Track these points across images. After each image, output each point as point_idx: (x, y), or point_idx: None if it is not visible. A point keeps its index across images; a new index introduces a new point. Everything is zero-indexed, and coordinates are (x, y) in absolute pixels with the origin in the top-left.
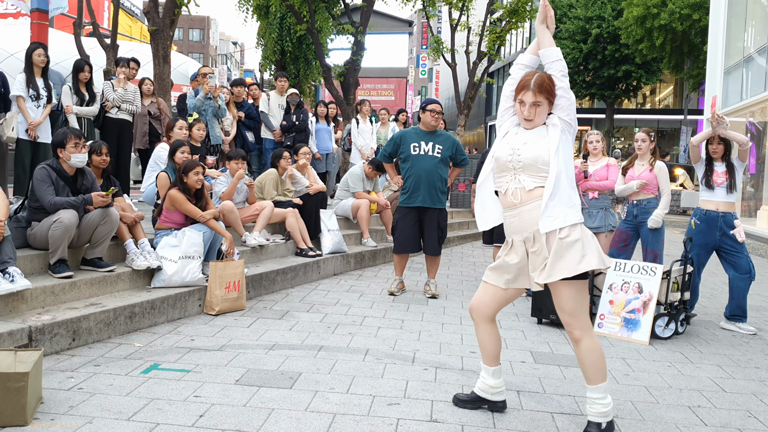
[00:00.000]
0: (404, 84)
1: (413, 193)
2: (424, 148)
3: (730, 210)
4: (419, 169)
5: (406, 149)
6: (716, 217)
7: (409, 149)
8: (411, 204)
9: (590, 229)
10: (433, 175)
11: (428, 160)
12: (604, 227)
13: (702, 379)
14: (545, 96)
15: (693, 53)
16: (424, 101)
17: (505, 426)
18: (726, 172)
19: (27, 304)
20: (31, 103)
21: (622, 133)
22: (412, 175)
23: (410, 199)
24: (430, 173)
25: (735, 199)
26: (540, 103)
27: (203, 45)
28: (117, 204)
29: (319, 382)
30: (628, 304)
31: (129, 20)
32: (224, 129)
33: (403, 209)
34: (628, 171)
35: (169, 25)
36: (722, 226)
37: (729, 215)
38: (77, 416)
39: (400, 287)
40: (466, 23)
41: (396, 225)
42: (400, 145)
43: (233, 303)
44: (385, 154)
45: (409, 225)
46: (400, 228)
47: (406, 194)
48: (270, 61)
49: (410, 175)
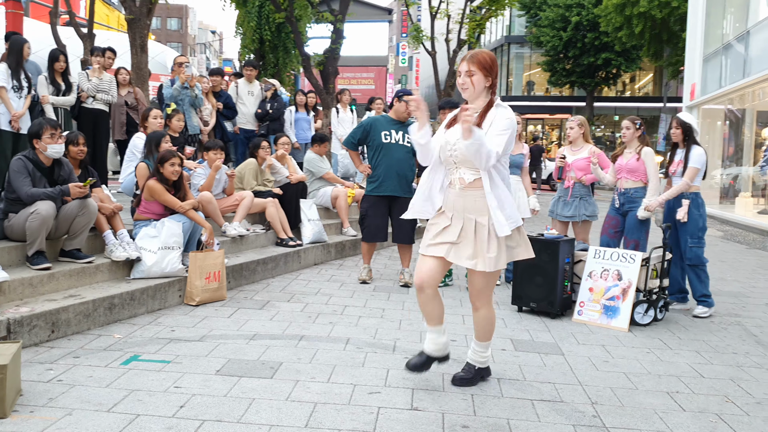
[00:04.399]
0: (384, 72)
1: (384, 181)
2: (395, 137)
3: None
4: (390, 158)
5: (376, 137)
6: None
7: (380, 137)
8: (381, 193)
9: (564, 218)
10: (403, 165)
11: (399, 149)
12: (578, 216)
13: (680, 365)
14: (478, 66)
15: (672, 41)
16: (401, 90)
17: (485, 413)
18: (681, 162)
19: (5, 296)
20: (14, 94)
21: (602, 120)
22: (382, 163)
23: (380, 188)
24: (401, 162)
25: (698, 183)
26: (473, 73)
27: (181, 34)
28: (95, 195)
29: (300, 371)
30: (607, 291)
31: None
32: (203, 119)
33: (372, 198)
34: (618, 159)
35: (146, 14)
36: (673, 205)
37: (681, 195)
38: (57, 408)
39: (369, 274)
40: (445, 11)
41: (366, 214)
42: (370, 132)
43: (213, 293)
44: (353, 141)
45: (379, 214)
46: (371, 217)
47: (375, 183)
48: (249, 50)
49: (380, 163)
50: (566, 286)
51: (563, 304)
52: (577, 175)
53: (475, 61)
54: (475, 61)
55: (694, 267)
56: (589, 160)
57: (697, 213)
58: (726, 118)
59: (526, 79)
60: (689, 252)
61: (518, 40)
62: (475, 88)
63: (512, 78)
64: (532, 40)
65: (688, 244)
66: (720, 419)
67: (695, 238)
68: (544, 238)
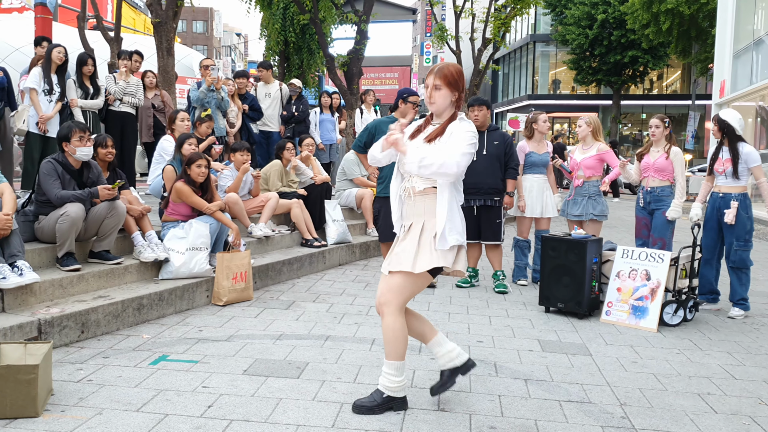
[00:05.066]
0: (408, 72)
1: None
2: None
3: (731, 192)
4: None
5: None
6: (717, 198)
7: None
8: (388, 194)
9: (573, 216)
10: None
11: None
12: (585, 216)
13: (711, 366)
14: (443, 81)
15: (701, 37)
16: (404, 90)
17: (512, 414)
18: (729, 160)
19: (36, 297)
20: (44, 98)
21: (630, 119)
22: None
23: (387, 189)
24: None
25: (745, 182)
26: (439, 87)
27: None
28: (123, 197)
29: (326, 371)
30: (635, 292)
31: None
32: (229, 121)
33: (381, 199)
34: (644, 157)
35: (172, 17)
36: (720, 205)
37: (729, 196)
38: (87, 407)
39: None
40: (470, 10)
41: (378, 215)
42: (375, 134)
43: (240, 294)
44: (359, 144)
45: (390, 214)
46: (383, 217)
47: (383, 184)
48: (273, 52)
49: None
50: (594, 286)
51: (591, 304)
52: (586, 174)
53: (440, 76)
54: (441, 75)
55: (737, 270)
56: (597, 158)
57: (745, 215)
58: (757, 114)
59: (552, 77)
60: (734, 255)
61: (544, 39)
62: (441, 102)
63: (538, 77)
64: (558, 38)
65: (734, 247)
66: (753, 422)
67: (741, 241)
68: (572, 238)
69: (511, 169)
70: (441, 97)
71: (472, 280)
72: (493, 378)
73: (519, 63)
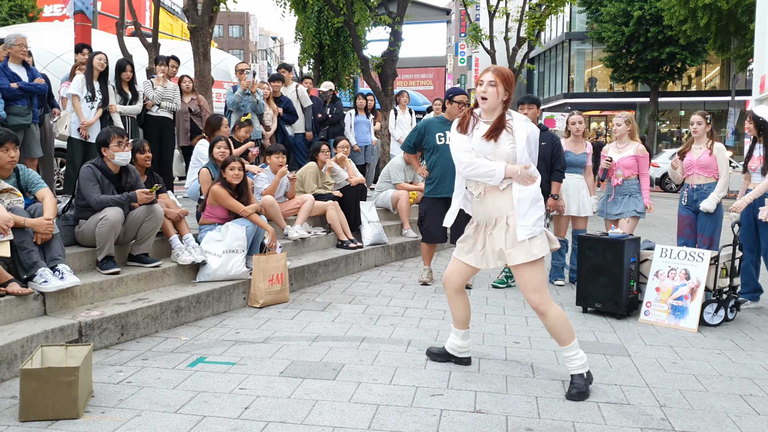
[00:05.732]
0: (443, 73)
1: (440, 183)
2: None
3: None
4: (445, 159)
5: (430, 139)
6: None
7: (434, 139)
8: (438, 195)
9: (613, 215)
10: None
11: None
12: (626, 213)
13: (754, 366)
14: (501, 79)
15: (740, 32)
16: (451, 90)
17: (550, 416)
18: (762, 157)
19: (76, 300)
20: (86, 104)
21: (668, 116)
22: (437, 165)
23: (436, 190)
24: None
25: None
26: (494, 84)
27: (243, 41)
28: (161, 200)
29: (362, 373)
30: (675, 291)
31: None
32: (265, 124)
33: (430, 200)
34: (686, 155)
35: (208, 22)
36: (755, 203)
37: (765, 195)
38: (127, 409)
39: (430, 276)
40: (504, 9)
41: (424, 215)
42: (425, 135)
43: (277, 295)
44: (409, 144)
45: (437, 215)
46: (429, 218)
47: (432, 185)
48: (309, 55)
49: (436, 165)
50: (632, 286)
51: (629, 304)
52: (624, 174)
53: (498, 73)
54: (498, 73)
55: None
56: (635, 158)
57: None
58: None
59: (588, 75)
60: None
61: (579, 37)
62: (493, 99)
63: (574, 75)
64: (594, 36)
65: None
66: None
67: None
68: (609, 237)
69: (557, 171)
70: (495, 94)
71: (508, 280)
72: (530, 379)
73: (554, 61)
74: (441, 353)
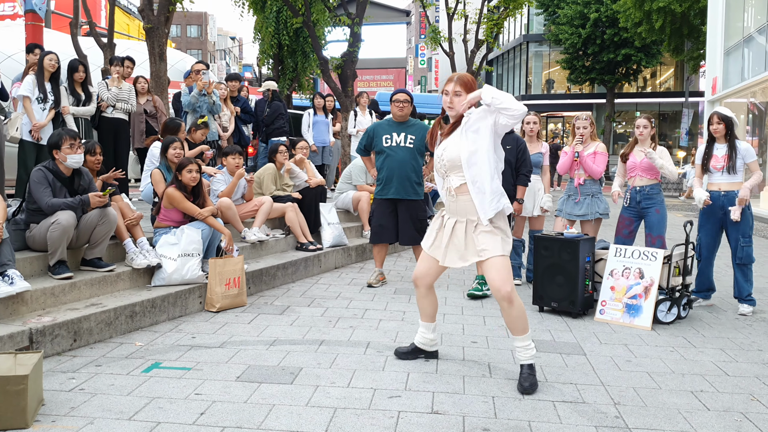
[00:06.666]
0: (403, 74)
1: (386, 184)
2: (396, 140)
3: (733, 189)
4: (391, 160)
5: (378, 142)
6: (718, 197)
7: (381, 141)
8: (384, 196)
9: (576, 216)
10: (405, 167)
11: (400, 151)
12: (590, 215)
13: (705, 363)
14: (464, 87)
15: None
16: (393, 91)
17: (506, 416)
18: (726, 156)
19: (27, 306)
20: (37, 106)
21: (624, 117)
22: (384, 167)
23: (383, 191)
24: (402, 164)
25: (742, 178)
26: (459, 93)
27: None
28: (115, 203)
29: (320, 376)
30: (629, 290)
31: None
32: (222, 125)
33: (378, 200)
34: (629, 157)
35: (164, 22)
36: (724, 204)
37: (732, 193)
38: (78, 417)
39: (379, 279)
40: (463, 11)
41: (372, 215)
42: (374, 138)
43: (234, 299)
44: (360, 148)
45: (383, 215)
46: (375, 218)
47: (380, 186)
48: (268, 56)
49: (383, 167)
50: (587, 285)
51: (585, 303)
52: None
53: (461, 83)
54: (461, 82)
55: (743, 266)
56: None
57: (748, 212)
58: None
59: (546, 77)
60: (741, 251)
61: (537, 39)
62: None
63: (531, 77)
64: (551, 38)
65: (740, 244)
66: (745, 418)
67: (746, 237)
68: (564, 237)
69: (523, 175)
70: (460, 103)
71: (483, 287)
72: (487, 379)
73: (512, 63)
74: (410, 351)
